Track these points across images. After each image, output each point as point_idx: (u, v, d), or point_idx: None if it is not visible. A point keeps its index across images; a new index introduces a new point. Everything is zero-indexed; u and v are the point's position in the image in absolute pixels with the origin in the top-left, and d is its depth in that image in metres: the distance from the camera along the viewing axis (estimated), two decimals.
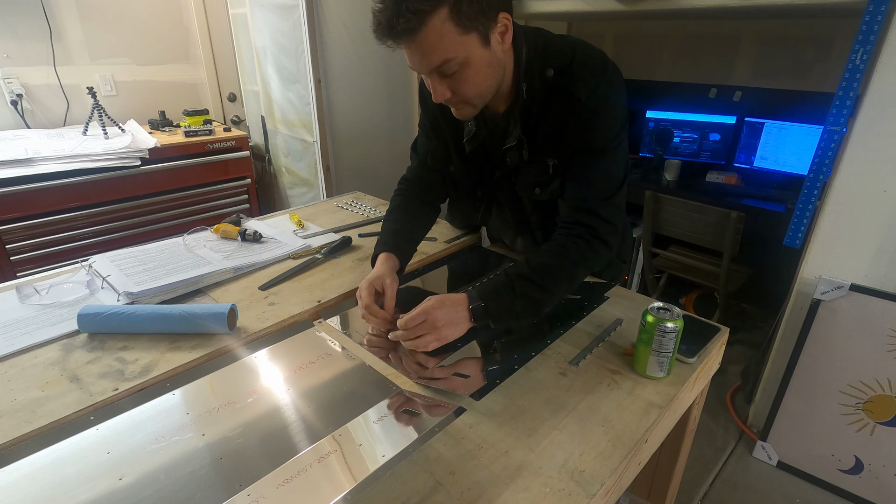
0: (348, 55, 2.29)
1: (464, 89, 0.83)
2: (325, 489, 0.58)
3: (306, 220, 1.41)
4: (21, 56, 2.24)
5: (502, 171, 1.03)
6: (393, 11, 0.74)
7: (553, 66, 0.88)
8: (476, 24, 0.78)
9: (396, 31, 0.75)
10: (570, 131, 0.90)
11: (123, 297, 0.97)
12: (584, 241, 0.90)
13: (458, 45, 0.78)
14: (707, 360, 0.86)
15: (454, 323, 0.83)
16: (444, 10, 0.74)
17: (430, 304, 0.82)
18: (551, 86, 0.89)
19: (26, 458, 0.64)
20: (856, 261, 1.47)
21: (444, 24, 0.75)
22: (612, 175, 0.92)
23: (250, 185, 2.59)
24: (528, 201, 1.04)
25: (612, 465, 0.63)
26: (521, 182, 1.01)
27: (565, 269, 0.88)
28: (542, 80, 0.89)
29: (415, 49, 0.79)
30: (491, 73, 0.84)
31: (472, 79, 0.82)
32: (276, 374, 0.81)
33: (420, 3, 0.73)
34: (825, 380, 1.56)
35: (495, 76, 0.86)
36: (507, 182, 1.04)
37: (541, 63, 0.89)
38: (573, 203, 0.94)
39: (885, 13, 1.26)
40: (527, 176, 0.99)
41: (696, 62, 2.71)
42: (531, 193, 1.00)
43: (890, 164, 1.36)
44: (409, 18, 0.73)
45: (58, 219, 2.02)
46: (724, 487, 1.64)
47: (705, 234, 2.13)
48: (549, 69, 0.88)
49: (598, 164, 0.92)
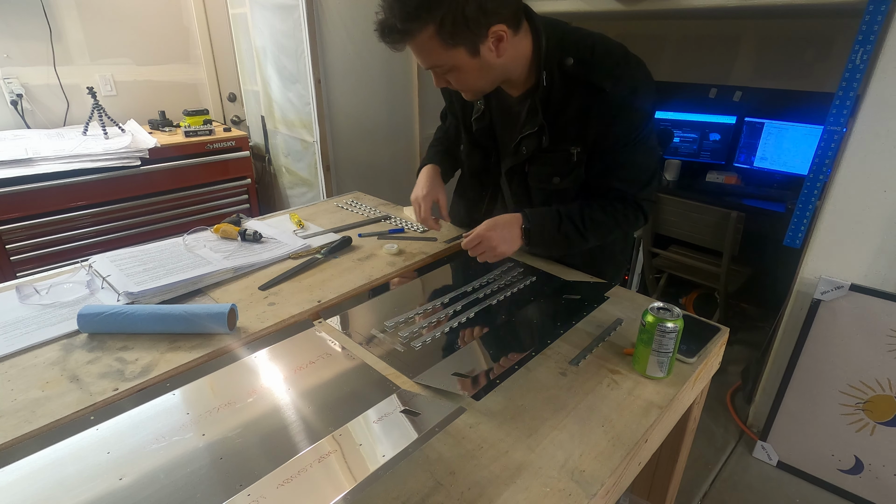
0: (348, 55, 2.29)
1: (457, 86, 0.91)
2: (325, 489, 0.58)
3: (306, 220, 1.41)
4: (21, 56, 2.24)
5: (515, 161, 1.04)
6: (386, 26, 0.82)
7: (573, 56, 0.90)
8: (462, 40, 0.82)
9: (389, 41, 0.85)
10: (596, 121, 0.92)
11: (123, 297, 0.97)
12: (632, 210, 1.00)
13: (445, 57, 0.84)
14: (707, 360, 0.86)
15: (507, 241, 0.95)
16: (429, 28, 0.80)
17: (483, 228, 0.95)
18: (571, 75, 0.91)
19: (26, 458, 0.64)
20: (856, 261, 1.47)
21: (430, 40, 0.82)
22: (647, 163, 0.99)
23: (250, 185, 2.59)
24: (539, 193, 1.05)
25: (612, 465, 0.63)
26: (535, 172, 1.03)
27: (606, 226, 0.99)
28: (562, 70, 0.91)
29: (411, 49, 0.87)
30: (482, 76, 0.89)
31: (464, 80, 0.89)
32: (276, 374, 0.81)
33: (407, 24, 0.80)
34: (825, 380, 1.56)
35: (489, 77, 0.90)
36: (518, 174, 1.06)
37: (559, 52, 0.91)
38: (616, 194, 0.99)
39: (885, 13, 1.26)
40: (543, 165, 1.01)
41: (696, 62, 2.71)
42: (547, 184, 1.02)
43: (890, 164, 1.36)
44: (396, 37, 0.83)
45: (58, 219, 2.02)
46: (724, 487, 1.64)
47: (705, 234, 2.13)
48: (568, 58, 0.90)
49: (635, 157, 0.97)
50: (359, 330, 0.93)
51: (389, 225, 1.39)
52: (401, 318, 0.95)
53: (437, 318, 0.96)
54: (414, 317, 0.96)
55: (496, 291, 1.05)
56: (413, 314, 0.97)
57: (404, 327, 0.93)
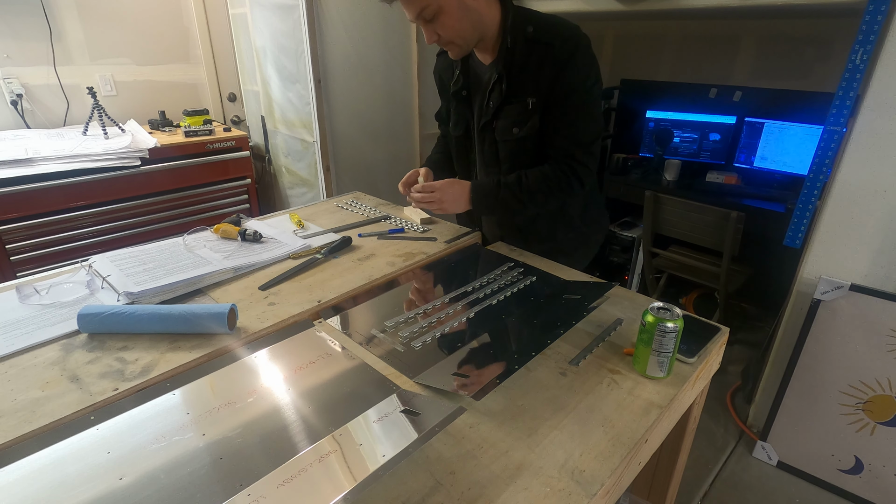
0: (348, 55, 2.29)
1: (445, 31, 1.04)
2: (325, 489, 0.58)
3: (306, 220, 1.41)
4: (21, 56, 2.24)
5: (486, 118, 1.18)
6: None
7: (533, 25, 1.08)
8: None
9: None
10: (547, 71, 1.07)
11: (123, 297, 0.97)
12: (564, 175, 1.13)
13: None
14: (707, 360, 0.86)
15: (455, 201, 1.17)
16: None
17: (443, 182, 1.17)
18: (531, 40, 1.08)
19: (26, 458, 0.64)
20: (856, 261, 1.47)
21: None
22: (589, 126, 1.12)
23: (250, 185, 2.59)
24: (503, 146, 1.19)
25: (612, 465, 0.63)
26: (500, 126, 1.17)
27: (542, 193, 1.14)
28: (524, 36, 1.08)
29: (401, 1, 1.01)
30: (465, 17, 1.03)
31: (448, 23, 1.03)
32: (276, 374, 0.81)
33: None
34: (825, 380, 1.56)
35: (470, 20, 1.05)
36: (488, 131, 1.20)
37: (523, 22, 1.08)
38: (556, 150, 1.14)
39: (885, 13, 1.26)
40: (507, 117, 1.15)
41: (696, 62, 2.72)
42: (509, 135, 1.16)
43: (890, 164, 1.36)
44: None
45: (58, 219, 2.02)
46: (724, 487, 1.64)
47: (705, 234, 2.13)
48: (529, 26, 1.08)
49: (578, 115, 1.11)
50: (359, 330, 0.93)
51: (389, 225, 1.39)
52: (401, 318, 0.95)
53: (437, 318, 0.96)
54: (414, 317, 0.96)
55: (496, 291, 1.05)
56: (413, 314, 0.97)
57: (404, 327, 0.93)
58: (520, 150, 1.17)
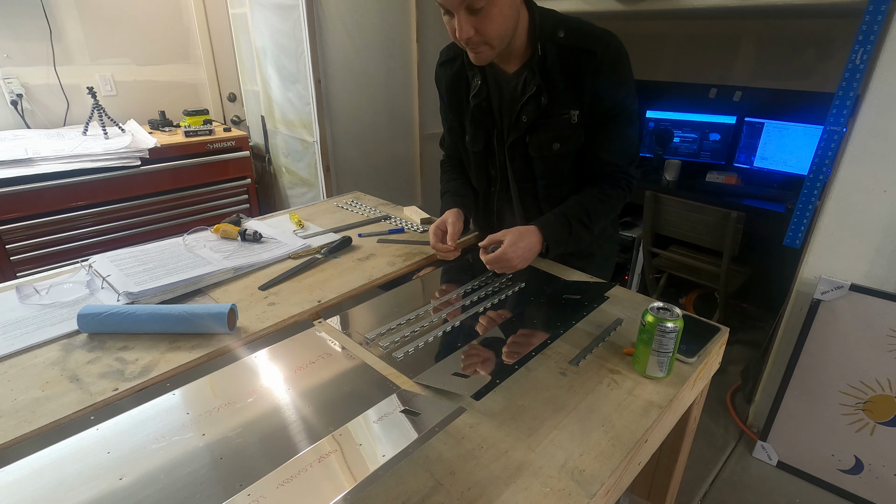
0: (348, 55, 2.29)
1: (487, 27, 0.90)
2: (325, 489, 0.58)
3: (306, 220, 1.41)
4: (21, 56, 2.24)
5: (517, 134, 1.07)
6: None
7: (563, 30, 0.98)
8: None
9: None
10: (589, 80, 0.98)
11: (123, 297, 0.97)
12: (623, 191, 1.08)
13: None
14: (707, 360, 0.86)
15: (525, 259, 1.01)
16: None
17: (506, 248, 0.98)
18: (563, 45, 0.98)
19: (26, 458, 0.64)
20: (856, 261, 1.47)
21: None
22: (634, 137, 1.07)
23: (250, 185, 2.59)
24: (539, 163, 1.09)
25: (612, 465, 0.63)
26: (535, 142, 1.06)
27: (606, 214, 1.09)
28: (555, 41, 0.98)
29: None
30: (511, 16, 0.92)
31: (497, 17, 0.90)
32: (276, 374, 0.81)
33: None
34: (825, 380, 1.56)
35: (513, 20, 0.94)
36: (519, 147, 1.09)
37: (552, 26, 0.98)
38: (608, 166, 1.07)
39: (885, 13, 1.26)
40: (544, 133, 1.05)
41: (696, 62, 2.71)
42: (547, 151, 1.06)
43: (890, 164, 1.36)
44: None
45: (58, 219, 2.02)
46: (724, 487, 1.64)
47: (705, 234, 2.13)
48: (560, 31, 0.98)
49: (626, 126, 1.04)
50: (359, 330, 0.93)
51: (389, 225, 1.39)
52: (401, 318, 0.95)
53: (437, 317, 0.96)
54: (414, 317, 0.96)
55: (496, 291, 1.05)
56: (413, 314, 0.97)
57: (404, 327, 0.93)
58: (559, 165, 1.08)
